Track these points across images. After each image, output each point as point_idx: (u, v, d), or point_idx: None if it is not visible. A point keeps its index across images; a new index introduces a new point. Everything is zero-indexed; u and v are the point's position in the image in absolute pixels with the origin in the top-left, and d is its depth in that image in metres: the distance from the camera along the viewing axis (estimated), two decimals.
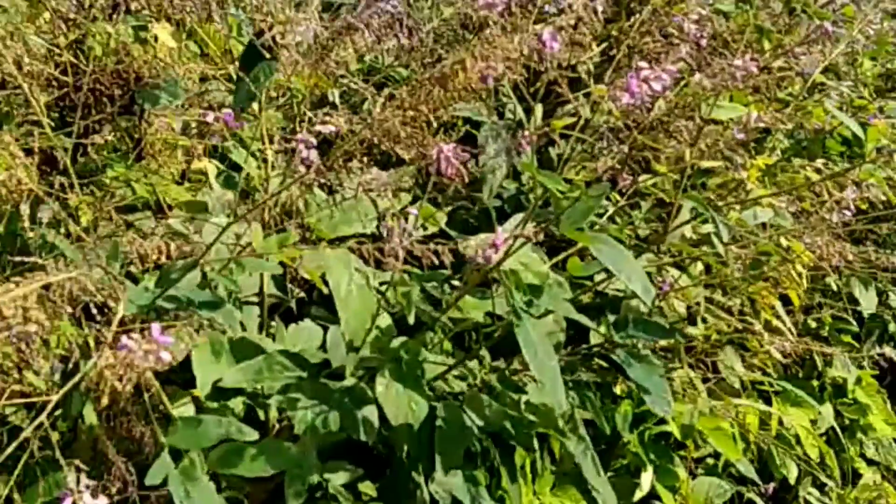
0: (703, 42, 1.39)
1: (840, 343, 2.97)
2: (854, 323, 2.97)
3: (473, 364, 1.78)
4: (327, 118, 1.11)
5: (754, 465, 2.59)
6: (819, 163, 2.15)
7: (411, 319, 1.52)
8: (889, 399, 3.06)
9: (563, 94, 1.55)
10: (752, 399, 2.58)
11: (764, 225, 1.72)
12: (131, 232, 1.59)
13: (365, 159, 1.28)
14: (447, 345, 1.83)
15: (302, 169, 1.11)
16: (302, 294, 1.89)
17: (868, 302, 2.82)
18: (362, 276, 1.57)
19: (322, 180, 1.26)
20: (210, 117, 1.38)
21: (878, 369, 3.16)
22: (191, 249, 1.44)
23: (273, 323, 1.78)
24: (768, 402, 2.65)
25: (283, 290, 1.88)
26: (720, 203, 1.68)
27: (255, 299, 1.80)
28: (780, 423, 2.68)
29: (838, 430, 2.84)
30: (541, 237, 1.57)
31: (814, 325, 2.93)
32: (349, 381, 1.58)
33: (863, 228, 2.60)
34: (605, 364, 1.69)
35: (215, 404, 1.52)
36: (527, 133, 1.29)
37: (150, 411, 1.34)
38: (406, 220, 1.40)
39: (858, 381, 2.96)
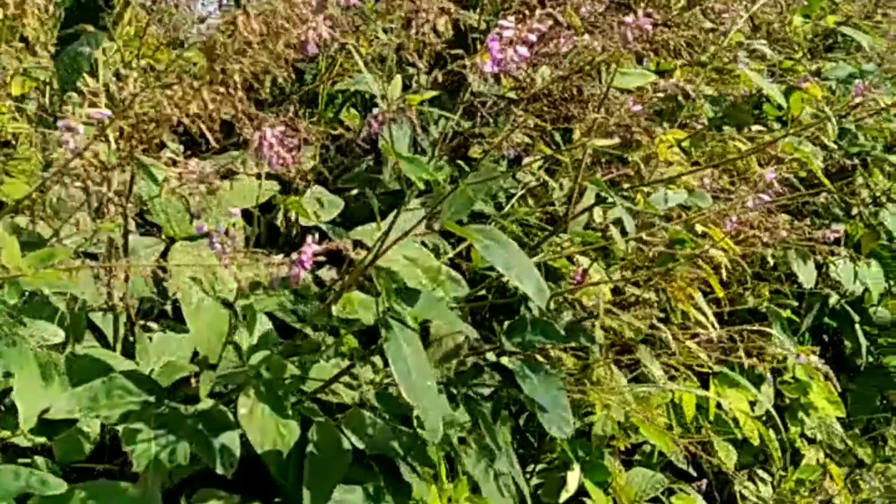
0: None
1: (779, 318, 2.75)
2: (793, 297, 2.76)
3: (367, 370, 1.54)
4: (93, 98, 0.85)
5: (693, 450, 2.39)
6: (747, 132, 1.92)
7: (252, 339, 1.26)
8: (832, 373, 2.86)
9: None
10: (688, 382, 2.37)
11: (686, 208, 1.47)
12: None
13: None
14: (349, 346, 1.58)
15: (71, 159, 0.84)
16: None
17: (807, 275, 2.60)
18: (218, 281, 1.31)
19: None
20: None
21: (820, 344, 2.96)
22: None
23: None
24: (706, 384, 2.44)
25: (161, 292, 1.62)
26: (635, 182, 1.42)
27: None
28: (718, 406, 2.48)
29: (777, 410, 2.65)
30: (420, 230, 1.33)
31: (752, 300, 2.72)
32: (205, 404, 1.32)
33: (795, 200, 2.38)
34: (498, 378, 1.44)
35: (43, 439, 1.26)
36: (381, 109, 1.03)
37: None
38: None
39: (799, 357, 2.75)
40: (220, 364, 1.33)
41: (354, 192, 2.01)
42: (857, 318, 2.81)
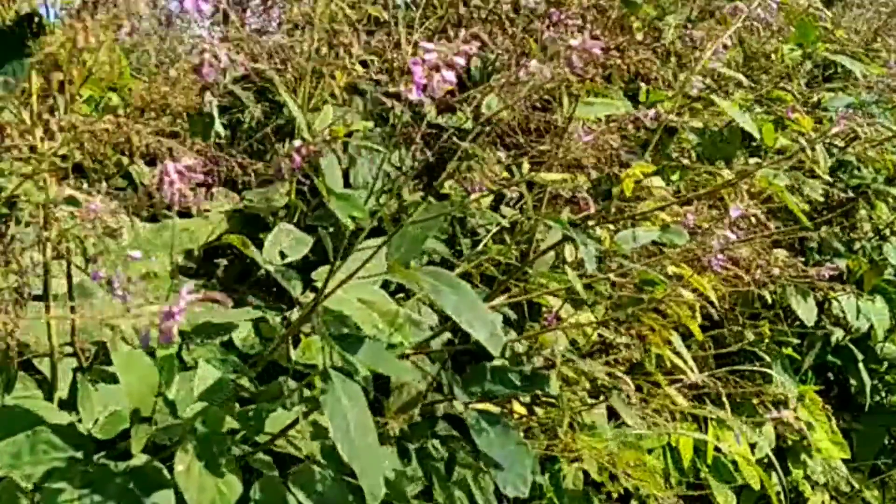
0: (541, 8, 1.02)
1: (780, 357, 2.63)
2: (795, 335, 2.64)
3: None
4: None
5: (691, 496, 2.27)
6: (741, 163, 1.81)
7: (192, 389, 1.16)
8: (836, 414, 2.72)
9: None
10: (685, 425, 2.25)
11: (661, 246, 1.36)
12: None
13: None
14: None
15: None
16: None
17: (807, 313, 2.47)
18: None
19: None
20: None
21: (824, 382, 2.83)
22: None
23: None
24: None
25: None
26: (607, 217, 1.31)
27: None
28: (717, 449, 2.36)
29: (780, 453, 2.52)
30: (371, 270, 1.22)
31: (752, 337, 2.60)
32: (138, 460, 1.21)
33: (788, 235, 2.27)
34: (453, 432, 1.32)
35: None
36: (305, 142, 0.92)
37: None
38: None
39: (801, 397, 2.62)
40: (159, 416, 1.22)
41: (331, 229, 1.91)
42: (860, 355, 2.68)
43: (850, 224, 2.58)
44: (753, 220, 1.97)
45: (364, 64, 2.12)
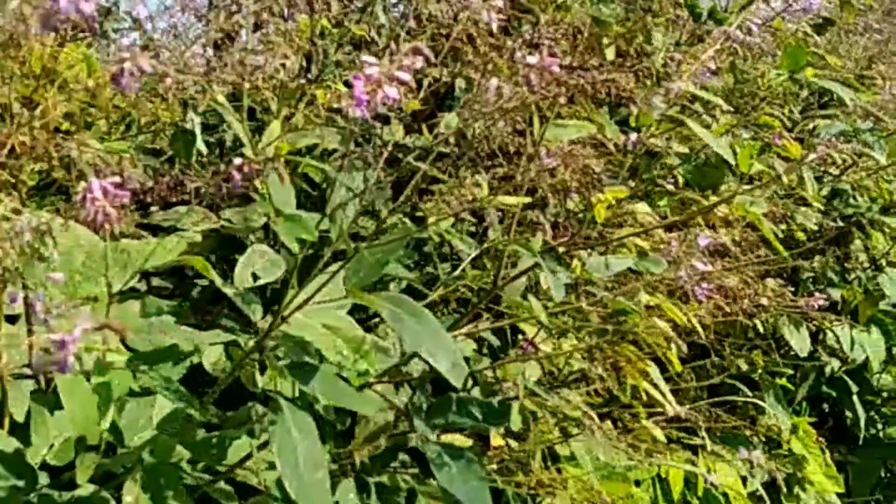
0: (494, 26, 0.96)
1: (773, 388, 2.56)
2: (789, 366, 2.57)
3: None
4: None
5: None
6: (727, 189, 1.74)
7: (107, 423, 1.10)
8: (831, 446, 2.65)
9: None
10: (675, 454, 2.18)
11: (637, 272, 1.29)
12: None
13: None
14: None
15: None
16: None
17: (800, 343, 2.40)
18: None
19: None
20: None
21: (819, 414, 2.76)
22: None
23: None
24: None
25: None
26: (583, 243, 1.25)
27: None
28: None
29: (773, 485, 2.44)
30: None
31: (745, 367, 2.54)
32: (84, 490, 1.15)
33: (778, 265, 2.20)
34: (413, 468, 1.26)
35: None
36: (245, 159, 0.86)
37: None
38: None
39: (794, 429, 2.55)
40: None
41: (310, 251, 1.85)
42: (854, 387, 2.61)
43: (845, 254, 2.51)
44: (737, 248, 1.92)
45: (347, 84, 2.06)
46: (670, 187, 1.71)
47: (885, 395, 2.97)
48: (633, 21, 1.73)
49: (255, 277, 1.65)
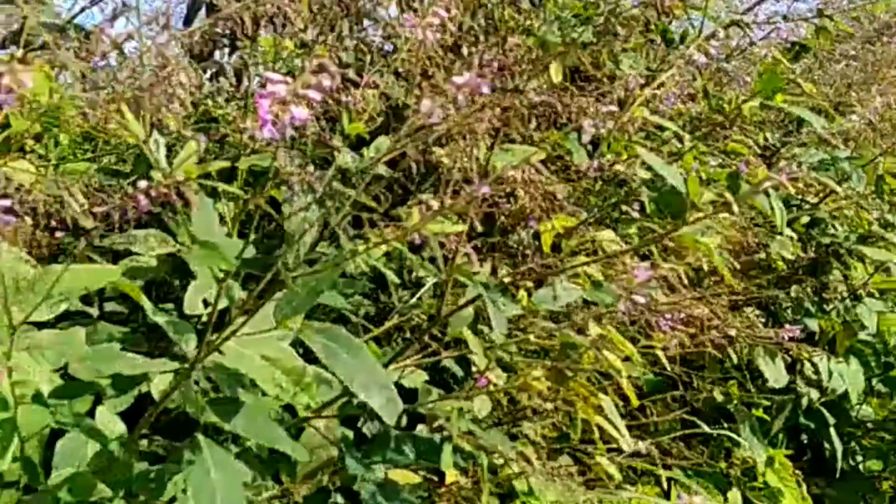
0: (429, 42, 0.90)
1: (748, 419, 2.49)
2: (766, 396, 2.51)
3: None
4: None
5: None
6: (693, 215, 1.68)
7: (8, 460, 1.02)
8: (809, 479, 2.58)
9: None
10: (646, 487, 2.11)
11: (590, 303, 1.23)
12: None
13: None
14: None
15: None
16: None
17: (775, 374, 2.33)
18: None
19: None
20: None
21: (797, 445, 2.68)
22: None
23: None
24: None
25: None
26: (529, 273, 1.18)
27: None
28: None
29: None
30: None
31: (720, 398, 2.47)
32: None
33: (757, 295, 2.15)
34: None
35: None
36: (145, 185, 0.80)
37: None
38: None
39: (770, 461, 2.48)
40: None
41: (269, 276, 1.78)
42: (832, 419, 2.53)
43: (823, 283, 2.45)
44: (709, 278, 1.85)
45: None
46: (636, 214, 1.65)
47: (867, 426, 2.90)
48: (601, 45, 1.67)
49: (206, 304, 1.58)
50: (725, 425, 2.46)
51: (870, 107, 2.29)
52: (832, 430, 2.53)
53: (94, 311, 1.78)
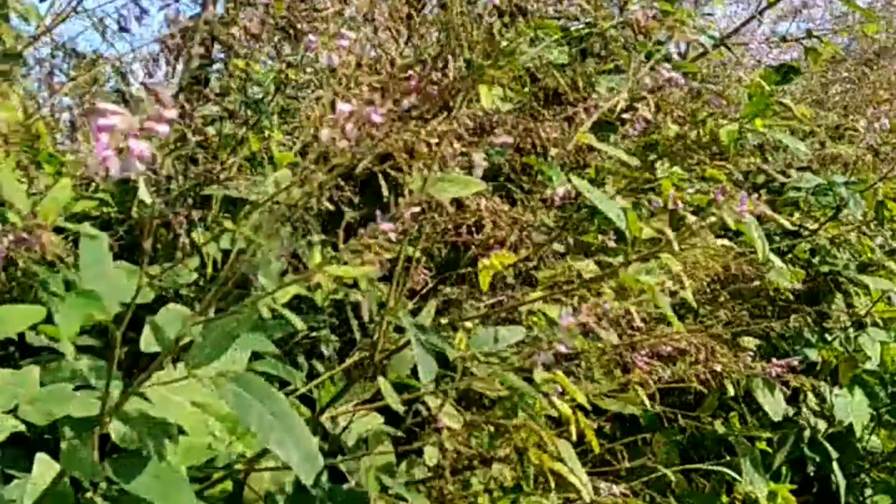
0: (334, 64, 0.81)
1: (749, 452, 2.37)
2: (768, 428, 2.39)
3: None
4: None
5: None
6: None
7: None
8: None
9: None
10: None
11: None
12: None
13: None
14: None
15: None
16: None
17: (773, 406, 2.22)
18: None
19: None
20: None
21: (803, 479, 2.55)
22: None
23: None
24: None
25: None
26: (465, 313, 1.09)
27: None
28: None
29: None
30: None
31: (722, 430, 2.36)
32: None
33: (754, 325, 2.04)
34: None
35: None
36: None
37: None
38: None
39: (773, 496, 2.36)
40: None
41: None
42: (835, 453, 2.41)
43: (823, 313, 2.33)
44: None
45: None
46: (612, 244, 1.55)
47: (877, 457, 2.76)
48: (573, 69, 1.58)
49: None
50: (727, 458, 2.35)
51: (870, 130, 2.19)
52: (835, 464, 2.40)
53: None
